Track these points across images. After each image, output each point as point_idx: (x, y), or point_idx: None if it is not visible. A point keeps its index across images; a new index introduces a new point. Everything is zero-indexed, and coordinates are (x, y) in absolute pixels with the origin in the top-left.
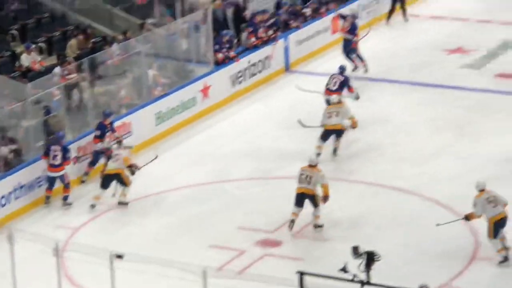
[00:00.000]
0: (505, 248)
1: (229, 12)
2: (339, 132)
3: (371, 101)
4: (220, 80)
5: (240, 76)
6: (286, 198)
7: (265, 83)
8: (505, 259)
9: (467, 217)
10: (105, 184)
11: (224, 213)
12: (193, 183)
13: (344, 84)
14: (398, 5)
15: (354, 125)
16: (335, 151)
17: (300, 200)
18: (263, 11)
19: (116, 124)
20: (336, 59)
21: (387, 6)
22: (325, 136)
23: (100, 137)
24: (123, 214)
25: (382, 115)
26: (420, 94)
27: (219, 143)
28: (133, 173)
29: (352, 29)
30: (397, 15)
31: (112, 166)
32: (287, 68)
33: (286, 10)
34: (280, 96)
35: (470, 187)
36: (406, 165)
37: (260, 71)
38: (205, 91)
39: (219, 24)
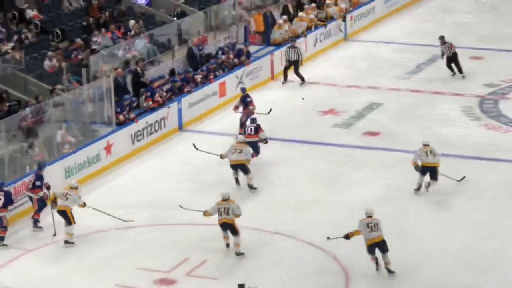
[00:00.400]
0: (377, 259)
1: (129, 79)
2: (242, 167)
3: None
4: (121, 139)
5: (139, 135)
6: (180, 242)
7: (161, 141)
8: (377, 265)
9: (348, 235)
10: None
11: (125, 255)
12: (97, 229)
13: (257, 128)
14: (290, 68)
15: (247, 162)
16: (250, 187)
17: (223, 227)
18: (160, 77)
19: (29, 177)
20: (224, 118)
21: (268, 73)
22: (233, 168)
23: (40, 187)
24: (37, 257)
25: (265, 168)
26: (298, 150)
27: (121, 194)
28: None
29: (245, 104)
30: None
31: (61, 203)
32: (180, 127)
33: (180, 76)
34: (174, 152)
35: (342, 230)
36: (287, 212)
37: (156, 130)
38: (108, 148)
39: (120, 89)
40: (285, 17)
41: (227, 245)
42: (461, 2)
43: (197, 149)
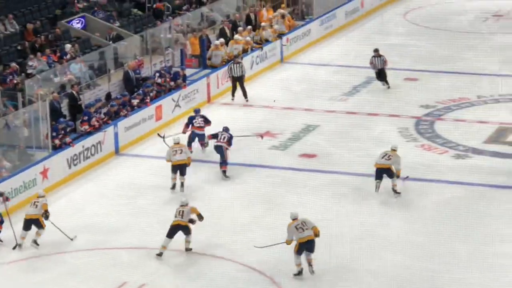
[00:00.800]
0: (300, 265)
1: (65, 103)
2: (183, 167)
3: (190, 179)
4: (57, 163)
5: (76, 159)
6: (118, 267)
7: (98, 165)
8: (299, 273)
9: (287, 243)
10: (26, 226)
11: (62, 280)
12: (34, 254)
13: (230, 139)
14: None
15: (188, 161)
16: (182, 185)
17: (173, 231)
18: (96, 101)
19: None
20: (161, 142)
21: (204, 96)
22: (174, 170)
23: None
24: None
25: (202, 191)
26: (234, 172)
27: (58, 218)
28: (46, 218)
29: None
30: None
31: (32, 211)
32: (117, 151)
33: (118, 101)
34: (111, 176)
35: (278, 252)
36: (223, 234)
37: (93, 155)
38: (44, 173)
39: (56, 114)
40: (222, 39)
41: (160, 254)
42: (396, 24)
43: (160, 136)
